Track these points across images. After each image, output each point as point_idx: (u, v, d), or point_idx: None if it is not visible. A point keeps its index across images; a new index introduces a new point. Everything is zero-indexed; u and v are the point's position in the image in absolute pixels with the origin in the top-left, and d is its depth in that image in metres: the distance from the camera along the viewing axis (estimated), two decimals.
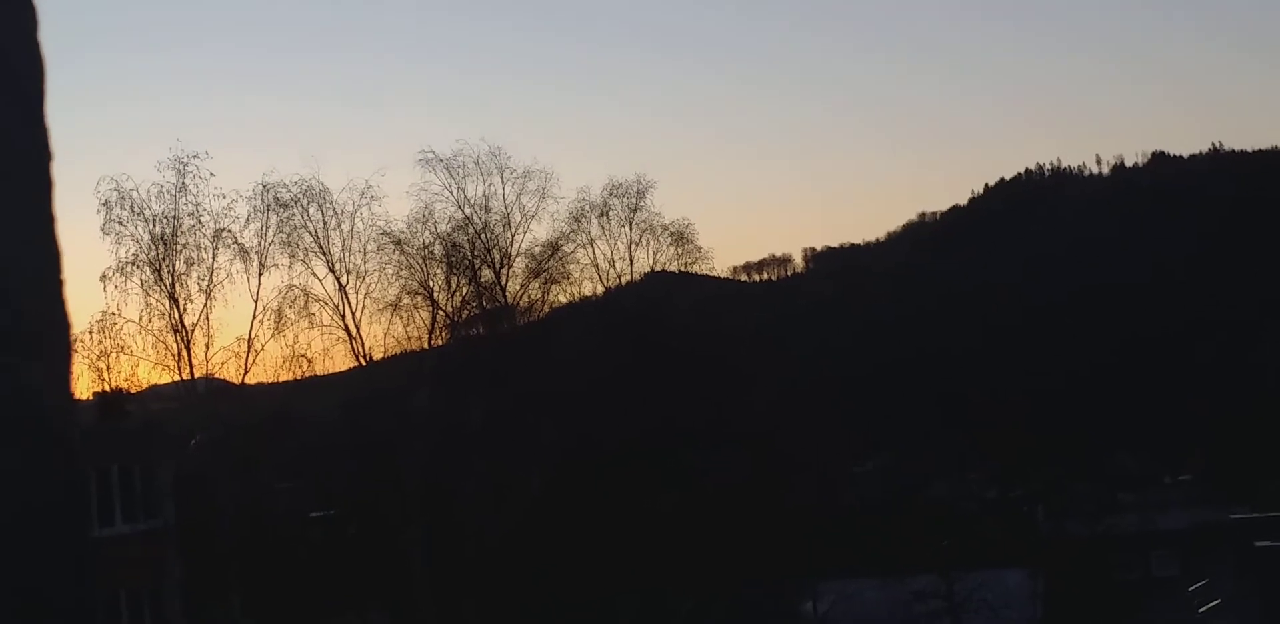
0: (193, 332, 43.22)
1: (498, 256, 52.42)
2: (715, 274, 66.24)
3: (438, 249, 51.23)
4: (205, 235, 44.11)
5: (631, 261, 56.28)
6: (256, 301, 45.49)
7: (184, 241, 43.59)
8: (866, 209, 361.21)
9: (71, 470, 1.86)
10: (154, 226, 43.19)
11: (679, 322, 58.39)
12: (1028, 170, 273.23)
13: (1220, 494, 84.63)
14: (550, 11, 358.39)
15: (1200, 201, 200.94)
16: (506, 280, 52.71)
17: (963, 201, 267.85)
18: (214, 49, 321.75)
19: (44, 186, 1.87)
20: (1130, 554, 69.75)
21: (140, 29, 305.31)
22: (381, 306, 49.34)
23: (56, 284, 1.84)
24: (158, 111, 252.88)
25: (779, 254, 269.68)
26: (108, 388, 41.32)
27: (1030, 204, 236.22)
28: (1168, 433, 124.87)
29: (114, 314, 42.41)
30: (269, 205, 46.53)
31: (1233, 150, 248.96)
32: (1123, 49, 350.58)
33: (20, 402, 1.75)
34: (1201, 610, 60.72)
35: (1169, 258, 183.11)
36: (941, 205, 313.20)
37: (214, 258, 44.18)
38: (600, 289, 56.63)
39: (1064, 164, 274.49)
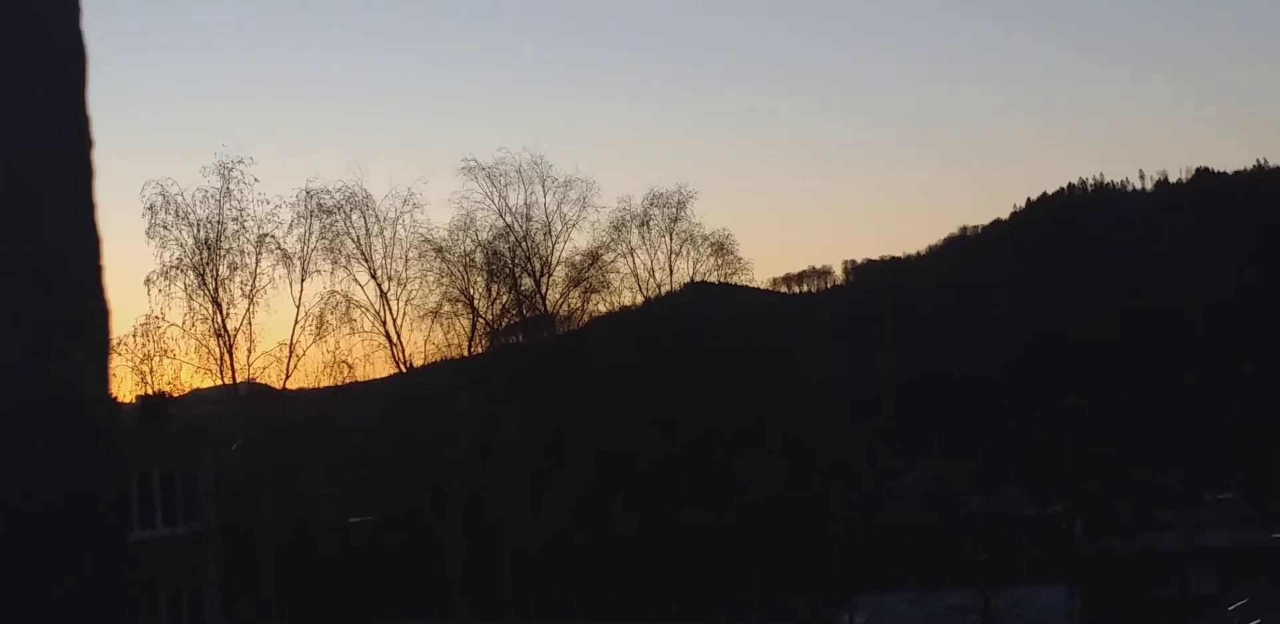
0: (235, 336, 43.47)
1: (538, 265, 52.56)
2: (755, 285, 66.13)
3: (479, 257, 51.45)
4: (249, 240, 44.37)
5: (671, 271, 56.32)
6: (298, 307, 45.78)
7: (227, 246, 43.86)
8: (907, 222, 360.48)
9: (110, 462, 1.85)
10: (198, 231, 43.46)
11: (718, 332, 58.31)
12: (1070, 185, 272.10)
13: (1262, 512, 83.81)
14: (594, 21, 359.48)
15: (1244, 218, 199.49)
16: (546, 289, 52.85)
17: (1005, 215, 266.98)
18: (259, 55, 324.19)
19: (85, 173, 1.86)
20: (1169, 571, 69.12)
21: (185, 35, 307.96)
22: (422, 313, 49.57)
23: (96, 271, 1.83)
24: (203, 117, 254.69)
25: (819, 266, 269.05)
26: (150, 391, 41.58)
27: (1072, 218, 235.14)
28: (1210, 450, 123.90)
29: (158, 318, 42.73)
30: (312, 211, 46.82)
31: (1277, 167, 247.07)
32: (1168, 64, 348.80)
33: (59, 390, 1.74)
34: None
35: (1212, 273, 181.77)
36: (983, 219, 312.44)
37: (257, 263, 44.43)
38: (640, 299, 56.68)
39: (1107, 179, 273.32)
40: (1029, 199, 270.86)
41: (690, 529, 47.64)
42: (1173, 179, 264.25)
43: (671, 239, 56.09)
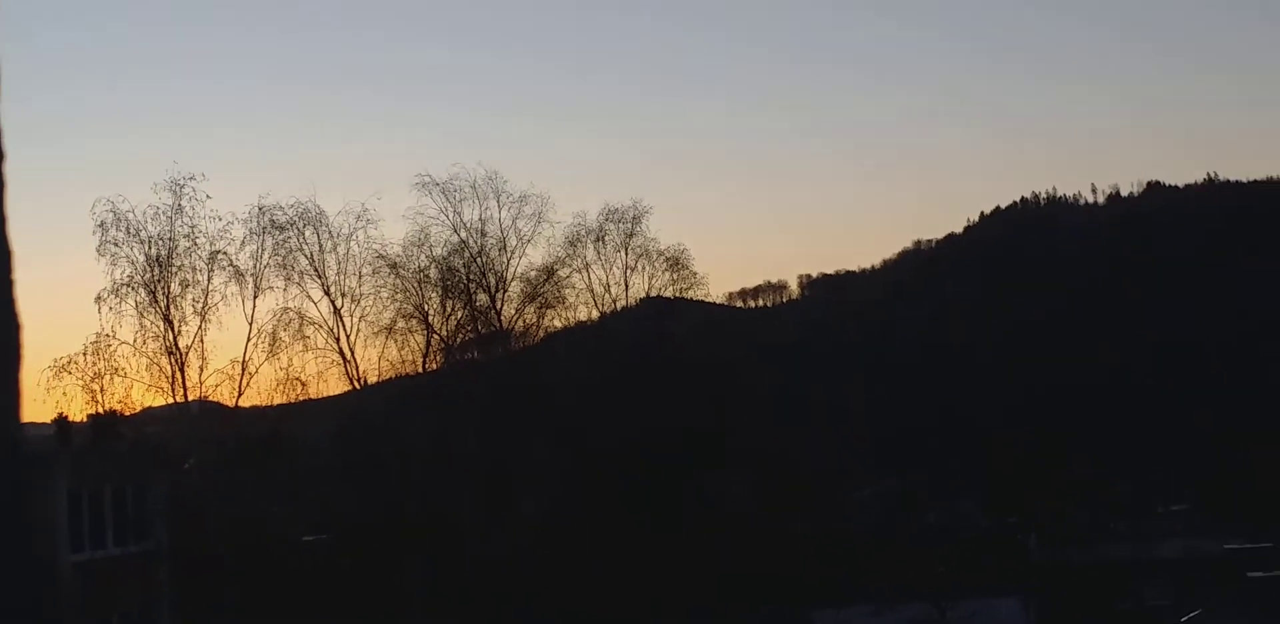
0: (187, 354, 43.12)
1: (493, 281, 52.49)
2: (710, 300, 66.20)
3: (433, 273, 51.30)
4: (201, 257, 44.06)
5: (627, 287, 56.36)
6: (251, 324, 45.46)
7: (179, 263, 43.53)
8: (862, 236, 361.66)
9: (16, 478, 1.81)
10: (149, 248, 43.10)
11: (674, 347, 58.37)
12: (1023, 199, 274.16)
13: (1214, 524, 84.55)
14: (547, 38, 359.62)
15: (1195, 230, 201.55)
16: (502, 304, 52.76)
17: (958, 229, 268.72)
18: (211, 73, 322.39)
19: None
20: (1123, 583, 69.60)
21: (139, 53, 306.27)
22: (376, 330, 49.37)
23: (6, 285, 1.81)
24: (155, 134, 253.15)
25: (774, 280, 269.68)
26: (101, 410, 41.21)
27: (1025, 232, 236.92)
28: (1162, 462, 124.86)
29: (108, 336, 42.33)
30: (265, 228, 46.55)
31: (1228, 180, 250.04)
32: (1118, 78, 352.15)
33: None
34: None
35: (1164, 287, 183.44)
36: (937, 233, 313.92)
37: (209, 280, 44.10)
38: (595, 314, 56.65)
39: (1059, 192, 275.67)
40: (982, 213, 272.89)
41: (649, 544, 47.58)
42: (1124, 192, 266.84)
43: (627, 254, 56.21)
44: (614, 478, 48.74)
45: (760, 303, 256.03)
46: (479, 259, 52.21)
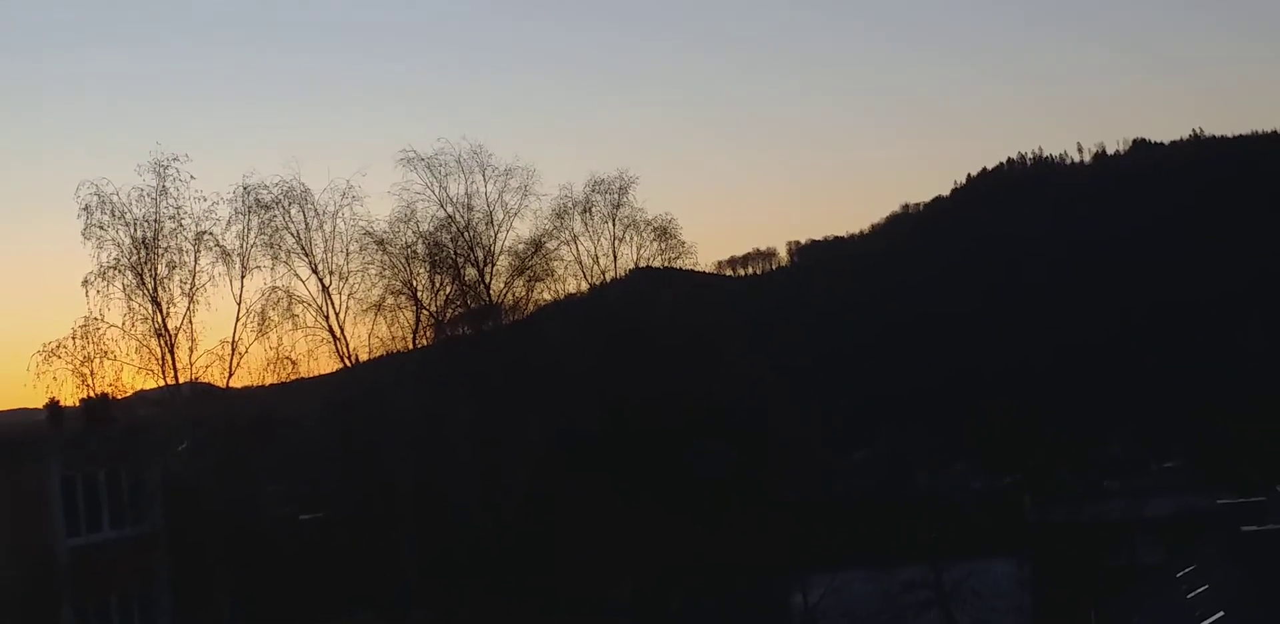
0: (176, 335, 42.92)
1: (481, 255, 52.41)
2: (700, 269, 66.08)
3: (420, 248, 51.19)
4: (187, 238, 43.76)
5: (615, 258, 56.37)
6: (239, 304, 45.25)
7: (165, 245, 43.25)
8: (850, 201, 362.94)
9: None
10: (135, 230, 42.81)
11: (664, 316, 58.40)
12: (1010, 160, 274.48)
13: (1206, 480, 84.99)
14: (531, 8, 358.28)
15: (1182, 187, 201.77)
16: (490, 279, 52.72)
17: (946, 192, 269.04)
18: (194, 50, 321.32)
19: None
20: (1116, 541, 70.04)
21: (121, 31, 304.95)
22: (365, 307, 49.29)
23: None
24: (138, 114, 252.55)
25: (764, 248, 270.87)
26: (93, 393, 41.14)
27: (1013, 193, 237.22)
28: (1153, 419, 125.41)
29: (97, 319, 42.20)
30: (250, 207, 46.24)
31: (1213, 136, 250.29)
32: (1103, 37, 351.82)
33: None
34: (1189, 596, 60.95)
35: (1151, 244, 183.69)
36: (925, 196, 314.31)
37: (196, 261, 43.82)
38: (585, 286, 56.66)
39: (1046, 152, 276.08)
40: (970, 175, 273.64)
41: (642, 514, 47.78)
42: (1111, 151, 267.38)
43: (614, 225, 56.17)
44: (605, 450, 48.89)
45: (750, 270, 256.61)
46: (466, 233, 52.14)
